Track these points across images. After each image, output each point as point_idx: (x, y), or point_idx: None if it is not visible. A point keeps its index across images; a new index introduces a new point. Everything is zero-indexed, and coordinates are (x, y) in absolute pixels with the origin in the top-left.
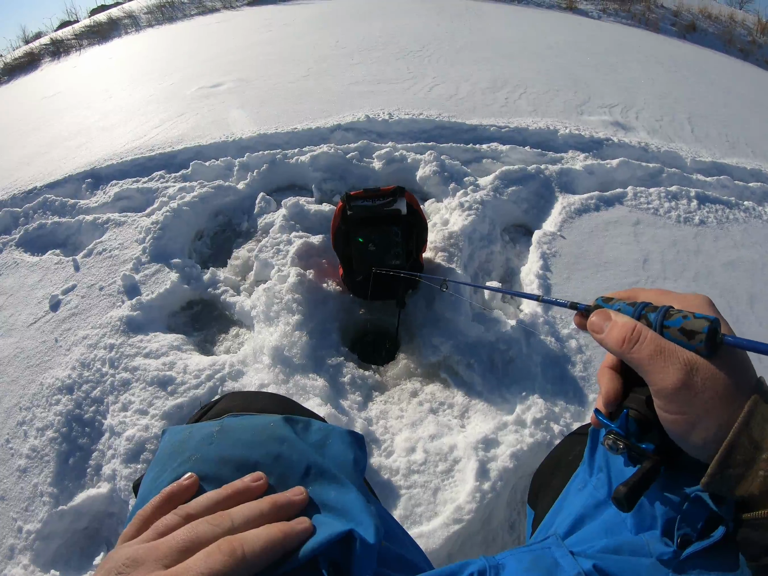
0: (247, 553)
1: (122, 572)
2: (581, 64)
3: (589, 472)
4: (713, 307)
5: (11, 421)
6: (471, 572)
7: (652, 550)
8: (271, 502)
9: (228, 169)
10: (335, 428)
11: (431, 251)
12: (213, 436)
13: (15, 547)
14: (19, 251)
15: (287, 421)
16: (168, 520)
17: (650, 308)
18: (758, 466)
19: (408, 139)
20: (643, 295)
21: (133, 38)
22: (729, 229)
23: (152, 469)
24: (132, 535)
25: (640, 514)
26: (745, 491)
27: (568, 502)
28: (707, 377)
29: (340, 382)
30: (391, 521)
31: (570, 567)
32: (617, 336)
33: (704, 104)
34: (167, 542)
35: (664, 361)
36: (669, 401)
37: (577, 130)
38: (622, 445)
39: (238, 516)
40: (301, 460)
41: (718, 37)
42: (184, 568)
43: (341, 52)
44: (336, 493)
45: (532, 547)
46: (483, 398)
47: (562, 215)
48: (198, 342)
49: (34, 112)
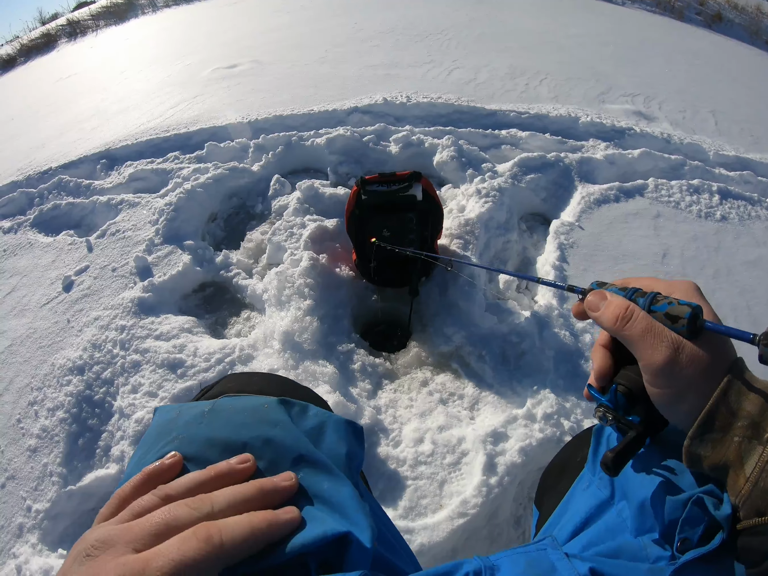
0: (225, 541)
1: (91, 554)
2: (602, 56)
3: (593, 471)
4: (699, 294)
5: (23, 401)
6: (466, 572)
7: (649, 553)
8: (257, 487)
9: (243, 150)
10: (333, 416)
11: (446, 238)
12: (203, 416)
13: (24, 525)
14: (34, 232)
15: (282, 404)
16: (145, 501)
17: (639, 294)
18: (733, 432)
19: (426, 123)
20: (635, 283)
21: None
22: (751, 226)
23: (139, 450)
24: (108, 515)
25: (642, 517)
26: (721, 456)
27: (573, 503)
28: (691, 356)
29: (350, 370)
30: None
31: (565, 570)
32: (611, 314)
33: (728, 99)
34: (141, 524)
35: (654, 338)
36: (657, 376)
37: (599, 119)
38: (611, 416)
39: (219, 500)
40: (294, 445)
41: (744, 28)
42: (155, 553)
43: (359, 36)
44: (329, 484)
45: (528, 549)
46: (493, 391)
47: (581, 205)
48: (209, 325)
49: (50, 94)
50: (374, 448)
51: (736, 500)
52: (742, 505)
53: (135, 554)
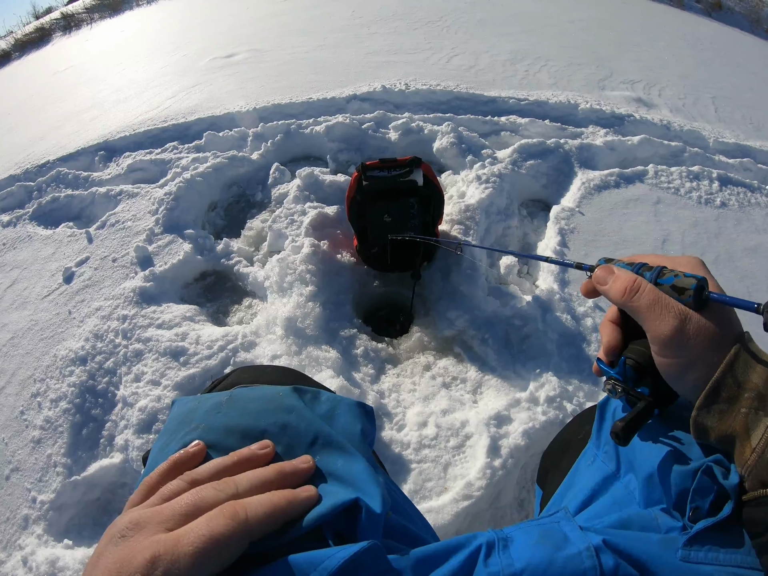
0: (250, 517)
1: (125, 535)
2: (604, 40)
3: (597, 445)
4: (704, 268)
5: (26, 393)
6: (479, 544)
7: (661, 523)
8: (277, 469)
9: (242, 139)
10: (344, 399)
11: (447, 224)
12: (221, 405)
13: (29, 517)
14: (33, 224)
15: (296, 391)
16: (173, 485)
17: (646, 268)
18: (740, 404)
19: (425, 110)
20: (641, 259)
21: (145, 10)
22: (751, 213)
23: (160, 439)
24: (138, 501)
25: (650, 488)
26: (728, 427)
27: (578, 478)
28: (698, 326)
29: (352, 355)
30: (398, 493)
31: (579, 541)
32: (620, 287)
33: (729, 86)
34: (171, 506)
35: (661, 310)
36: (665, 346)
37: (599, 105)
38: (620, 389)
39: (243, 482)
40: (309, 429)
41: (744, 16)
42: (186, 531)
43: (357, 23)
44: (343, 462)
45: (541, 521)
46: (496, 374)
47: (581, 191)
48: (211, 313)
49: (46, 87)
50: (378, 432)
51: (742, 471)
52: (748, 476)
53: (167, 533)
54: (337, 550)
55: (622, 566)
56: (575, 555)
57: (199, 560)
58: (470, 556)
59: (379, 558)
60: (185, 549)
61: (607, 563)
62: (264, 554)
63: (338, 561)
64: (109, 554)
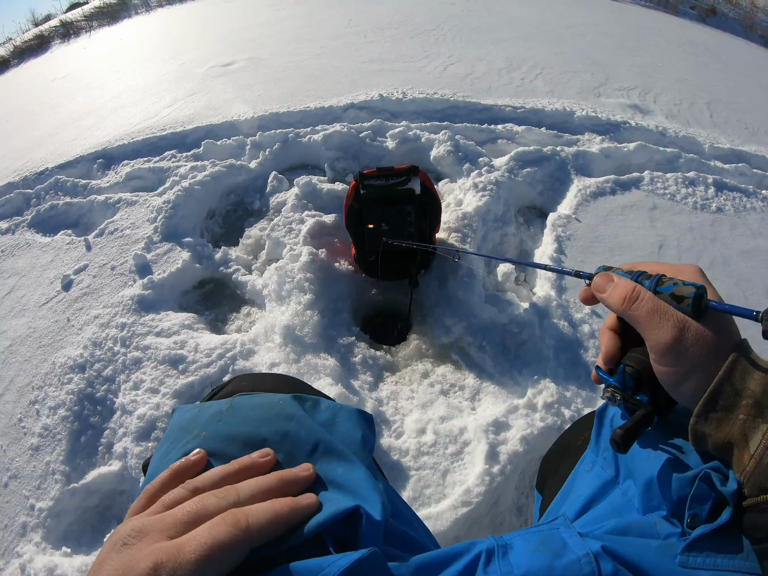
0: (252, 525)
1: (127, 543)
2: (600, 46)
3: (596, 452)
4: (703, 276)
5: (24, 401)
6: (479, 551)
7: (659, 530)
8: (278, 477)
9: (240, 148)
10: (344, 407)
11: (444, 231)
12: (222, 413)
13: (27, 524)
14: (32, 232)
15: (296, 399)
16: (175, 493)
17: (645, 276)
18: (738, 411)
19: (422, 118)
20: (640, 267)
21: (144, 18)
22: (746, 217)
23: (161, 447)
24: (139, 509)
25: (649, 495)
26: (726, 434)
27: (576, 484)
28: (697, 335)
29: (351, 362)
30: (398, 500)
31: (578, 548)
32: (619, 295)
33: (724, 90)
34: (173, 514)
35: (660, 318)
36: (663, 355)
37: (594, 113)
38: (619, 396)
39: (244, 490)
40: (309, 437)
41: (738, 22)
42: (188, 538)
43: (354, 30)
44: (343, 470)
45: (540, 528)
46: (494, 381)
47: (577, 198)
48: (209, 321)
49: (45, 94)
50: (377, 439)
51: (740, 477)
52: (747, 482)
53: (169, 540)
54: (337, 557)
55: (620, 572)
56: (574, 561)
57: (201, 567)
58: (470, 564)
59: (379, 566)
60: (187, 556)
61: (606, 569)
62: (265, 561)
63: (339, 569)
64: (111, 562)
